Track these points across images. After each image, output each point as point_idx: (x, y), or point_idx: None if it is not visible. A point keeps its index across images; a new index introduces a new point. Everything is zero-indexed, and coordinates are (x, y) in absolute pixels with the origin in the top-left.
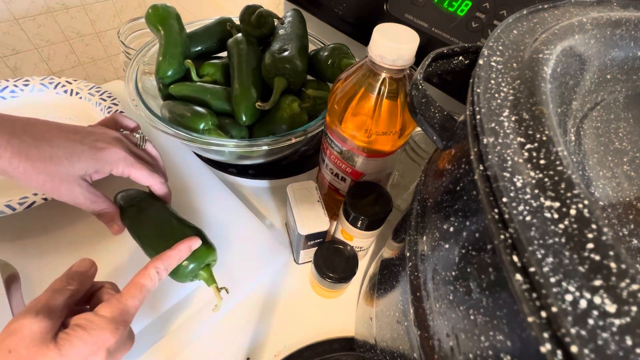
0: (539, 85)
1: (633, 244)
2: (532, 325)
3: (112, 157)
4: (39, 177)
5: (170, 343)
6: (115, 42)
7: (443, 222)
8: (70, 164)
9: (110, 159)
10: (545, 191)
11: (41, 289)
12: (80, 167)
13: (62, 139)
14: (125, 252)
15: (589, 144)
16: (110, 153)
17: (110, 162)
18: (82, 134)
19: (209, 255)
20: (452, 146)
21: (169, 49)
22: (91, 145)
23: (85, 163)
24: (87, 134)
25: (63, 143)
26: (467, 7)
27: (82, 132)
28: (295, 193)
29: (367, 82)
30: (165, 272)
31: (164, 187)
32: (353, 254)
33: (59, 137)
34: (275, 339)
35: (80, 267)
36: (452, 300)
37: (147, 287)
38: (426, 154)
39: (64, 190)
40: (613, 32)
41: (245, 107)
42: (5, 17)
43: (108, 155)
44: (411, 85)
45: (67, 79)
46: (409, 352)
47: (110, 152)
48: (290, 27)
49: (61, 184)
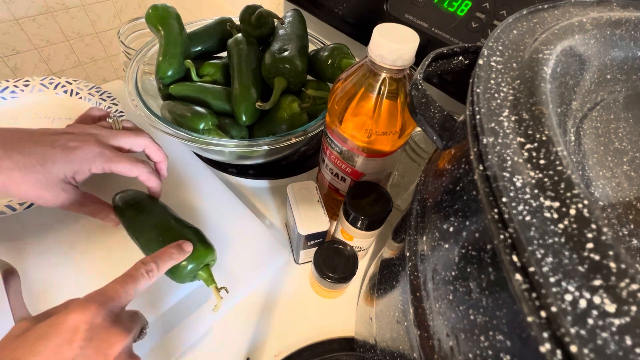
0: (539, 85)
1: (633, 244)
2: (532, 325)
3: (86, 155)
4: (20, 187)
5: (170, 343)
6: (115, 42)
7: (443, 222)
8: (46, 169)
9: (85, 158)
10: (545, 191)
11: (41, 289)
12: (57, 171)
13: (32, 145)
14: (125, 251)
15: (589, 144)
16: (84, 151)
17: (87, 160)
18: (53, 136)
19: (207, 255)
20: (452, 146)
21: (169, 49)
22: (64, 146)
23: (60, 166)
24: (59, 136)
25: (34, 149)
26: (467, 7)
27: (52, 134)
28: (295, 193)
29: (367, 82)
30: (156, 266)
31: (151, 176)
32: (353, 254)
33: (28, 144)
34: (275, 339)
35: None
36: (452, 300)
37: (133, 277)
38: (426, 154)
39: (48, 197)
40: (613, 32)
41: (245, 107)
42: (5, 17)
43: (82, 154)
44: (411, 85)
45: (67, 79)
46: (409, 352)
47: (84, 150)
48: (290, 27)
49: (44, 191)
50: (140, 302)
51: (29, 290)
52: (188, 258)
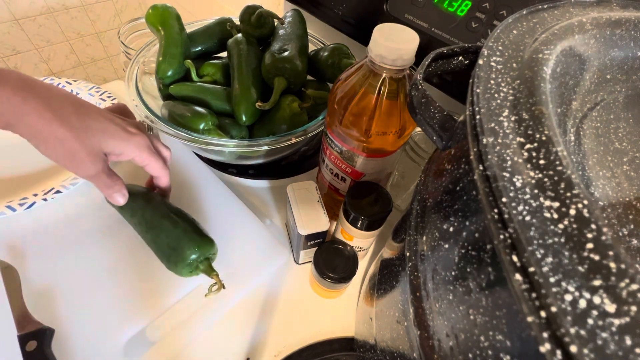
0: (539, 85)
1: (633, 244)
2: (532, 325)
3: (141, 143)
4: (74, 145)
5: (170, 343)
6: (115, 42)
7: (443, 222)
8: (104, 138)
9: (140, 145)
10: (545, 191)
11: (41, 289)
12: (110, 144)
13: (98, 114)
14: (125, 251)
15: (589, 144)
16: (140, 140)
17: (139, 147)
18: (111, 114)
19: (210, 246)
20: (451, 146)
21: (169, 49)
22: (123, 127)
23: (116, 142)
24: (115, 116)
25: (99, 118)
26: (467, 7)
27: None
28: (295, 193)
29: (367, 82)
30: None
31: (169, 179)
32: (353, 254)
33: (95, 111)
34: (275, 339)
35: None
36: (452, 300)
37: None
38: (426, 154)
39: (89, 164)
40: (613, 32)
41: (245, 107)
42: (5, 17)
43: (139, 141)
44: (411, 86)
45: (67, 79)
46: (409, 352)
47: (141, 138)
48: (290, 27)
49: (88, 157)
50: (140, 302)
51: (29, 290)
52: (192, 247)
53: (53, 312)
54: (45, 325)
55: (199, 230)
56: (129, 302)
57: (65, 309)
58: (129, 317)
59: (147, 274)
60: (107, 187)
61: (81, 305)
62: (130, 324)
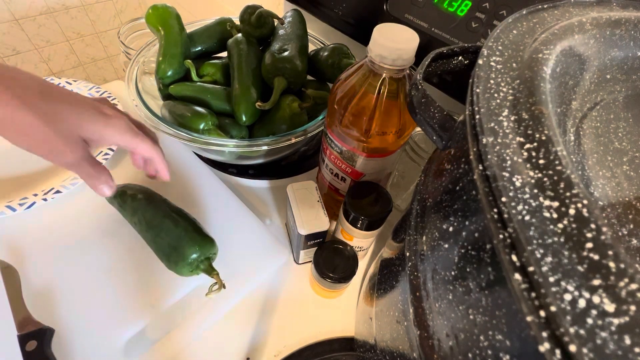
0: (539, 85)
1: (632, 244)
2: (531, 324)
3: (121, 125)
4: (45, 131)
5: (170, 343)
6: (115, 43)
7: (442, 222)
8: (79, 123)
9: (119, 127)
10: (545, 191)
11: (41, 289)
12: (86, 129)
13: (69, 96)
14: (125, 250)
15: (589, 143)
16: (119, 121)
17: (119, 130)
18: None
19: (211, 245)
20: (451, 146)
21: (169, 49)
22: (99, 110)
23: (93, 126)
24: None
25: (71, 100)
26: (467, 7)
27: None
28: (295, 193)
29: (367, 82)
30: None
31: (164, 160)
32: (353, 254)
33: (66, 94)
34: (275, 339)
35: None
36: (452, 300)
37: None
38: (426, 154)
39: (67, 152)
40: (613, 32)
41: (245, 107)
42: (5, 17)
43: (117, 123)
44: (411, 85)
45: (68, 79)
46: (409, 351)
47: (119, 120)
48: (290, 27)
49: (66, 145)
50: (140, 301)
51: (29, 290)
52: (193, 247)
53: (53, 312)
54: (45, 325)
55: (200, 229)
56: (129, 302)
57: (65, 309)
58: (129, 317)
59: (147, 273)
60: (91, 177)
61: (81, 305)
62: (130, 324)
